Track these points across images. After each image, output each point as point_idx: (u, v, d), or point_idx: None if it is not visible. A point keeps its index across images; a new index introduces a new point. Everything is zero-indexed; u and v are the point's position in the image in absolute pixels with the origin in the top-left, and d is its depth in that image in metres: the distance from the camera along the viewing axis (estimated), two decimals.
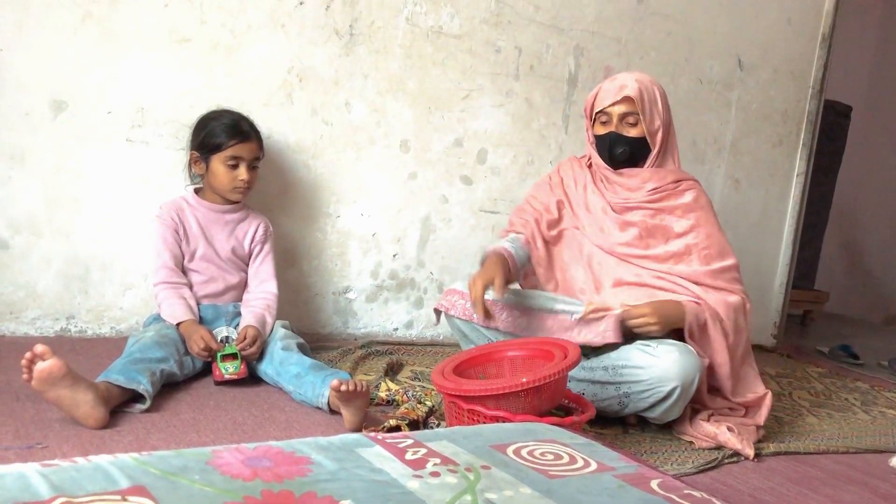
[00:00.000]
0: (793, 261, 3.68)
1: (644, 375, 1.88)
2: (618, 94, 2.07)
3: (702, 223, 2.13)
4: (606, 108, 2.09)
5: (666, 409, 1.90)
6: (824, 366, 3.35)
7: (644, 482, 1.13)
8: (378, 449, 1.11)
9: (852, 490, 1.79)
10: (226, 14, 2.28)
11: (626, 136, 2.09)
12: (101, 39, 2.15)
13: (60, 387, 1.51)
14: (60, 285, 2.19)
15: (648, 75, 2.17)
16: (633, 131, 2.09)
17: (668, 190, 2.13)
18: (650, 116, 2.08)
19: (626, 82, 2.07)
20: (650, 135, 2.10)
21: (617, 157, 2.12)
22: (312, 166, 2.49)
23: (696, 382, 1.89)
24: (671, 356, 1.87)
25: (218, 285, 2.13)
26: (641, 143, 2.11)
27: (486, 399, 1.59)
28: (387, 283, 2.68)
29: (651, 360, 1.88)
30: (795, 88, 3.54)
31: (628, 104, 2.06)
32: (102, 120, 2.18)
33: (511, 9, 2.74)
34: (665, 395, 1.86)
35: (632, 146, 2.10)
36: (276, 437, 1.59)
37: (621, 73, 2.15)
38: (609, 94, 2.09)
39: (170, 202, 2.13)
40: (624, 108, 2.07)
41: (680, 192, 2.14)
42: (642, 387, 1.88)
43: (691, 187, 2.16)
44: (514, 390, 1.59)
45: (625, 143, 2.10)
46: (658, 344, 1.91)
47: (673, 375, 1.85)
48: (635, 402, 1.91)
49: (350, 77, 2.50)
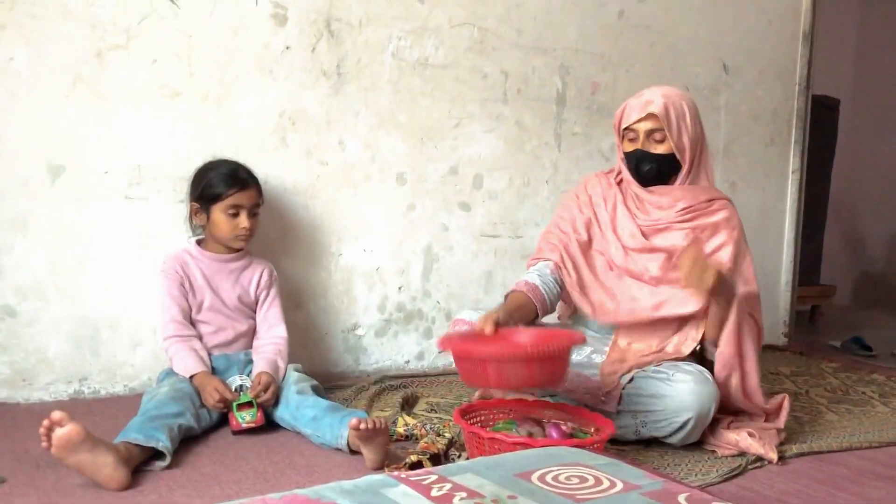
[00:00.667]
0: (796, 258, 3.69)
1: (659, 405, 1.88)
2: (643, 110, 2.03)
3: (728, 243, 2.07)
4: (632, 124, 2.06)
5: (683, 437, 1.90)
6: (838, 360, 3.34)
7: (671, 498, 1.12)
8: (403, 488, 1.10)
9: (879, 486, 1.78)
10: (213, 65, 2.31)
11: (652, 153, 2.05)
12: (94, 101, 2.17)
13: (81, 452, 1.51)
14: (71, 348, 2.19)
15: (678, 89, 2.14)
16: (661, 148, 2.05)
17: (700, 210, 2.09)
18: (677, 132, 2.03)
19: (651, 98, 2.04)
20: (679, 151, 2.05)
21: (644, 175, 2.08)
22: (311, 207, 2.51)
23: (713, 411, 1.88)
24: (686, 386, 1.86)
25: (227, 334, 2.13)
26: (670, 159, 2.06)
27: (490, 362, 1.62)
28: (394, 317, 2.68)
29: (667, 389, 1.88)
30: (782, 87, 3.56)
31: (654, 121, 2.02)
32: (100, 180, 2.19)
33: (494, 35, 2.77)
34: (681, 425, 1.87)
35: (659, 163, 2.06)
36: (298, 483, 1.58)
37: (648, 89, 2.10)
38: (634, 111, 2.06)
39: (173, 255, 2.14)
40: (650, 125, 2.03)
41: (712, 211, 2.09)
42: (658, 416, 1.89)
43: (724, 207, 2.11)
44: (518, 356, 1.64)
45: (652, 161, 2.06)
46: (674, 371, 1.91)
47: (689, 406, 1.85)
48: (651, 430, 1.91)
49: (341, 116, 2.52)
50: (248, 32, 2.35)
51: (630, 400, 1.93)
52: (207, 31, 2.29)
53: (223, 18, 2.31)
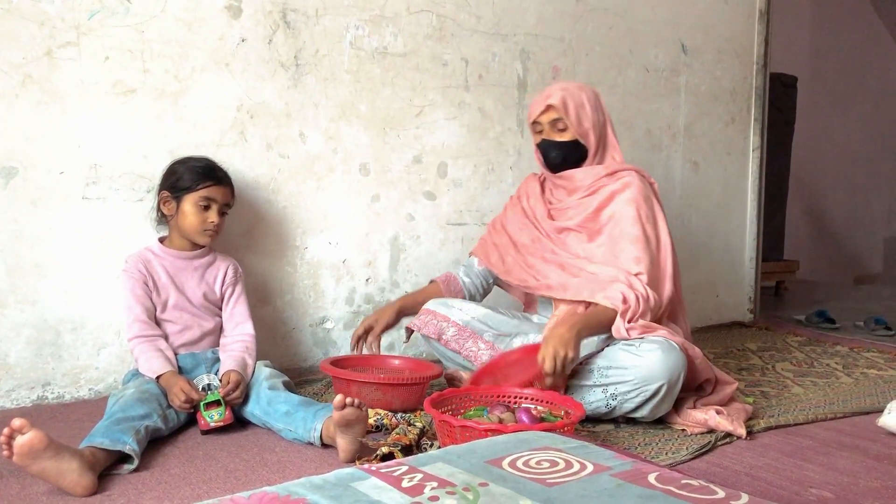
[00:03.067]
0: (759, 234, 3.74)
1: (629, 376, 1.89)
2: (543, 103, 2.20)
3: (623, 209, 2.13)
4: (537, 118, 2.23)
5: (654, 407, 1.91)
6: (803, 334, 3.40)
7: (641, 477, 1.13)
8: (373, 480, 1.10)
9: (845, 455, 1.82)
10: (167, 60, 2.27)
11: (557, 140, 2.22)
12: (45, 100, 2.12)
13: (43, 459, 1.48)
14: (32, 353, 2.15)
15: (579, 83, 2.30)
16: (564, 136, 2.21)
17: (601, 184, 2.21)
18: (576, 118, 2.19)
19: (550, 92, 2.21)
20: (581, 136, 2.21)
21: (551, 162, 2.25)
22: (274, 201, 2.48)
23: (682, 378, 1.91)
24: (654, 355, 1.88)
25: (194, 333, 2.10)
26: (574, 145, 2.22)
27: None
28: (363, 309, 2.67)
29: (635, 359, 1.89)
30: (740, 66, 3.60)
31: (553, 111, 2.19)
32: (56, 181, 2.15)
33: (453, 21, 2.76)
34: (652, 393, 1.88)
35: (563, 150, 2.22)
36: (269, 481, 1.57)
37: (550, 85, 2.29)
38: (537, 105, 2.23)
39: (135, 254, 2.11)
40: (551, 115, 2.19)
41: (613, 180, 2.20)
42: (628, 387, 1.90)
43: (625, 175, 2.19)
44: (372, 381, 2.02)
45: (556, 147, 2.22)
46: (640, 342, 1.92)
47: (658, 374, 1.87)
48: (622, 402, 1.92)
49: (301, 108, 2.49)
50: (202, 26, 2.31)
51: (600, 374, 1.94)
52: (160, 25, 2.25)
53: (176, 12, 2.27)
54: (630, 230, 2.10)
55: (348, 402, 1.65)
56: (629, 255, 2.07)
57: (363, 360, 2.28)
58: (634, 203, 2.13)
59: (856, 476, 1.68)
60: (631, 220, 2.11)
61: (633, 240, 2.09)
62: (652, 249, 2.10)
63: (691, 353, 1.98)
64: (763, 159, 3.72)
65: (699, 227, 3.52)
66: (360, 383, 2.02)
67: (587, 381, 1.96)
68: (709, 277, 3.58)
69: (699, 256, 3.50)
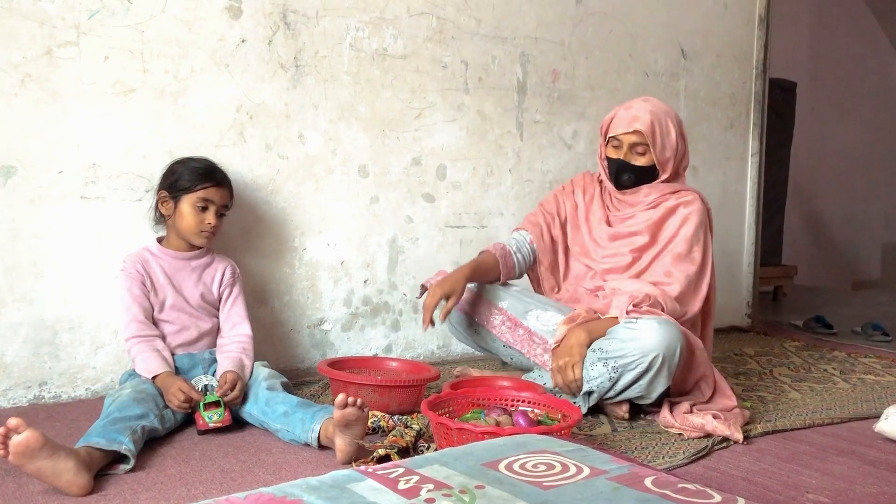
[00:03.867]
0: (758, 239, 3.74)
1: (629, 348, 1.92)
2: (630, 125, 2.16)
3: (682, 226, 2.18)
4: (619, 135, 2.19)
5: (650, 381, 1.94)
6: (800, 339, 3.40)
7: (638, 481, 1.13)
8: (370, 482, 1.10)
9: (841, 461, 1.82)
10: (167, 60, 2.27)
11: (633, 164, 2.21)
12: (45, 100, 2.12)
13: (39, 458, 1.47)
14: (29, 352, 2.14)
15: (665, 105, 2.24)
16: (642, 160, 2.20)
17: (664, 198, 2.22)
18: (661, 148, 2.18)
19: (639, 114, 2.16)
20: (660, 164, 2.21)
21: (622, 184, 2.24)
22: (273, 202, 2.48)
23: (679, 352, 1.93)
24: (650, 325, 1.92)
25: (191, 333, 2.10)
26: (649, 170, 2.22)
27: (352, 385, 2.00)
28: (361, 310, 2.67)
29: (633, 333, 1.93)
30: (739, 71, 3.60)
31: (639, 136, 2.16)
32: (54, 180, 2.14)
33: (453, 24, 2.76)
34: (648, 364, 1.91)
35: (638, 174, 2.22)
36: (265, 482, 1.57)
37: (637, 102, 2.22)
38: (622, 123, 2.19)
39: (133, 254, 2.11)
40: (634, 139, 2.17)
41: (675, 196, 2.22)
42: (627, 359, 1.93)
43: (688, 194, 2.23)
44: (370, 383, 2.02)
45: (631, 171, 2.22)
46: (639, 319, 1.97)
47: (655, 345, 1.90)
48: (622, 374, 1.94)
49: (300, 109, 2.50)
50: (202, 26, 2.31)
51: (602, 351, 1.97)
52: (160, 25, 2.25)
53: (176, 12, 2.27)
54: (678, 247, 2.16)
55: (350, 401, 1.65)
56: (662, 269, 2.14)
57: (361, 362, 2.30)
58: (693, 223, 2.18)
59: (852, 481, 1.68)
60: (684, 239, 2.17)
61: (676, 257, 2.15)
62: (692, 270, 2.15)
63: (691, 340, 2.02)
64: (762, 164, 3.72)
65: None
66: (357, 385, 2.02)
67: (590, 358, 1.99)
68: None
69: None
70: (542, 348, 2.18)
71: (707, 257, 2.21)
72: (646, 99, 2.25)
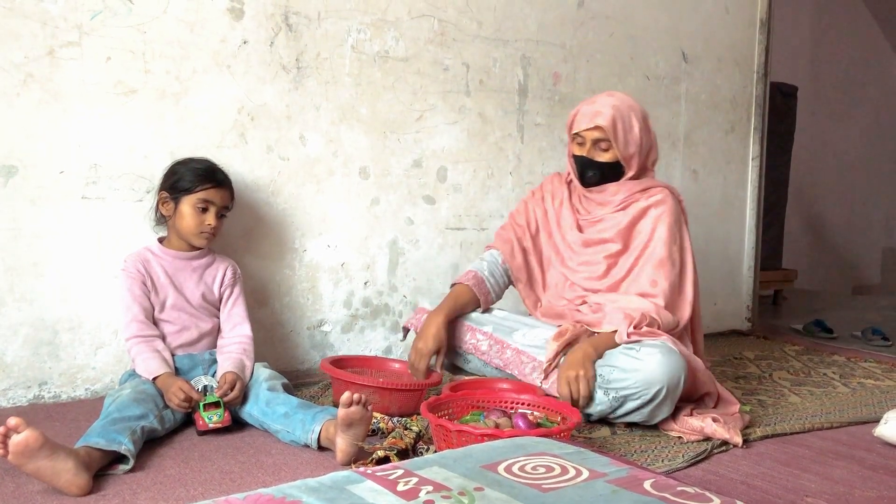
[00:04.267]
0: (758, 243, 3.75)
1: (630, 379, 1.90)
2: (591, 120, 2.11)
3: (654, 227, 2.14)
4: (581, 131, 2.14)
5: (653, 410, 1.92)
6: (800, 343, 3.40)
7: (637, 484, 1.13)
8: (369, 484, 1.10)
9: (841, 465, 1.82)
10: (169, 61, 2.27)
11: (597, 160, 2.16)
12: (46, 99, 2.12)
13: (39, 458, 1.47)
14: (29, 352, 2.14)
15: (631, 99, 2.18)
16: (605, 156, 2.15)
17: (634, 198, 2.18)
18: (623, 143, 2.13)
19: (601, 108, 2.11)
20: (624, 160, 2.16)
21: (587, 180, 2.19)
22: (274, 203, 2.48)
23: (682, 381, 1.91)
24: (654, 358, 1.89)
25: (192, 334, 2.10)
26: (614, 166, 2.17)
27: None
28: (361, 312, 2.67)
29: (636, 363, 1.90)
30: (740, 75, 3.61)
31: (601, 131, 2.11)
32: (55, 180, 2.15)
33: (454, 27, 2.76)
34: (651, 396, 1.89)
35: (602, 170, 2.17)
36: (264, 483, 1.57)
37: (601, 96, 2.18)
38: (584, 119, 2.14)
39: (134, 254, 2.11)
40: (597, 135, 2.12)
41: (646, 196, 2.18)
42: (630, 390, 1.91)
43: (659, 192, 2.18)
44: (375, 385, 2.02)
45: (595, 168, 2.17)
46: (640, 346, 1.93)
47: (658, 378, 1.87)
48: (624, 403, 1.93)
49: (302, 110, 2.50)
50: (204, 27, 2.32)
51: (602, 378, 1.95)
52: (162, 26, 2.25)
53: (178, 13, 2.27)
54: (657, 252, 2.12)
55: (355, 398, 1.66)
56: (647, 278, 2.11)
57: (363, 362, 2.33)
58: (666, 224, 2.13)
59: (851, 486, 1.68)
60: (661, 241, 2.12)
61: (658, 263, 2.11)
62: (675, 273, 2.12)
63: (693, 363, 1.98)
64: (762, 168, 3.73)
65: (698, 235, 3.50)
66: (358, 385, 2.02)
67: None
68: (707, 285, 3.56)
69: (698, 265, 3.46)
70: (530, 367, 2.11)
71: (686, 256, 2.18)
72: (610, 93, 2.20)
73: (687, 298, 2.15)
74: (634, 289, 2.11)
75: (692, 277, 2.18)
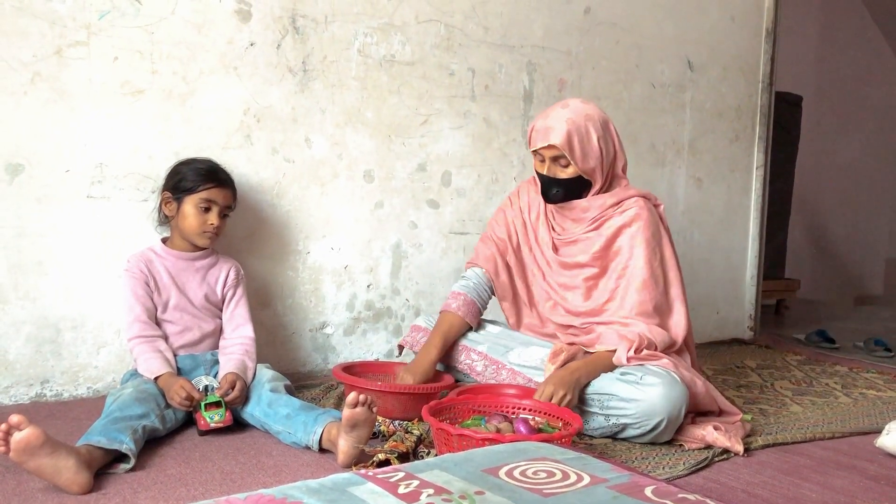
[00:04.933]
0: (761, 252, 3.74)
1: (631, 410, 1.89)
2: (545, 139, 2.03)
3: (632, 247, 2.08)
4: (538, 149, 2.07)
5: (654, 437, 1.92)
6: (802, 353, 3.39)
7: (638, 491, 1.13)
8: (370, 486, 1.10)
9: (842, 475, 1.81)
10: (176, 62, 2.28)
11: (559, 178, 2.08)
12: (53, 98, 2.13)
13: (40, 455, 1.48)
14: (32, 350, 2.15)
15: (588, 107, 2.08)
16: (567, 172, 2.07)
17: (607, 215, 2.12)
18: (582, 157, 2.04)
19: (553, 124, 2.02)
20: (586, 173, 2.08)
21: (552, 198, 2.12)
22: (278, 205, 2.49)
23: (683, 411, 1.90)
24: (656, 390, 1.87)
25: (194, 334, 2.11)
26: (577, 181, 2.09)
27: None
28: (363, 315, 2.67)
29: (637, 393, 1.89)
30: (746, 84, 3.61)
31: (555, 149, 2.03)
32: (61, 179, 2.15)
33: (461, 32, 2.77)
34: (652, 427, 1.89)
35: (566, 187, 2.09)
36: (265, 484, 1.57)
37: (555, 108, 2.08)
38: (538, 136, 2.06)
39: (137, 254, 2.11)
40: (553, 152, 2.04)
41: (619, 212, 2.11)
42: (630, 419, 1.90)
43: (632, 205, 2.11)
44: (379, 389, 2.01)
45: (558, 185, 2.09)
46: (643, 374, 1.92)
47: (660, 410, 1.87)
48: (624, 430, 1.93)
49: (307, 113, 2.50)
50: (211, 29, 2.32)
51: (601, 405, 1.94)
52: (170, 27, 2.26)
53: (186, 14, 2.28)
54: (638, 274, 2.05)
55: (361, 399, 1.66)
56: (631, 301, 2.05)
57: (376, 367, 2.34)
58: (643, 240, 2.06)
59: (853, 496, 1.68)
60: (640, 261, 2.05)
61: (641, 285, 2.05)
62: (659, 292, 2.07)
63: (693, 389, 1.97)
64: (766, 177, 3.72)
65: (701, 243, 3.52)
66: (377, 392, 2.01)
67: (591, 408, 1.97)
68: (710, 294, 3.57)
69: (700, 273, 3.50)
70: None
71: (669, 270, 2.11)
72: (564, 104, 2.08)
73: (678, 314, 2.10)
74: (621, 313, 2.06)
75: (680, 290, 2.12)
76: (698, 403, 2.02)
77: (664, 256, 2.12)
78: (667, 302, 2.10)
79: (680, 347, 2.10)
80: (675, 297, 2.12)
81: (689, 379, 1.98)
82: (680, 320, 2.10)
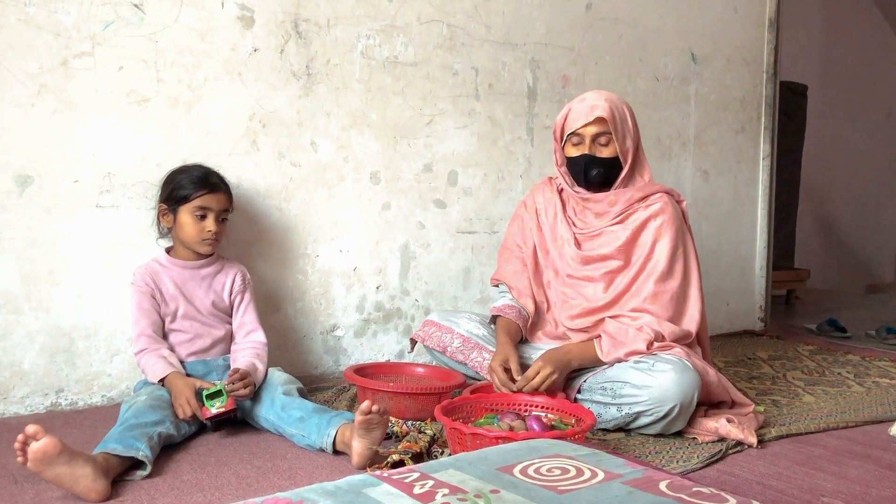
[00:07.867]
0: (770, 243, 3.73)
1: (643, 396, 1.90)
2: (590, 114, 2.04)
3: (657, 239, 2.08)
4: (578, 129, 2.07)
5: (667, 424, 1.92)
6: (814, 343, 3.39)
7: (653, 485, 1.13)
8: (385, 487, 1.10)
9: (857, 464, 1.81)
10: (181, 69, 2.29)
11: (599, 157, 2.08)
12: (60, 109, 2.14)
13: (57, 464, 1.49)
14: (46, 360, 2.16)
15: (614, 94, 2.14)
16: (606, 151, 2.08)
17: (633, 209, 2.12)
18: (622, 136, 2.08)
19: (596, 102, 2.06)
20: (622, 154, 2.09)
21: (592, 180, 2.11)
22: (285, 209, 2.50)
23: (696, 397, 1.90)
24: (668, 376, 1.88)
25: (205, 341, 2.12)
26: (615, 163, 2.10)
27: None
28: (373, 316, 2.68)
29: (649, 380, 1.89)
30: (750, 74, 3.60)
31: (600, 124, 2.05)
32: (70, 189, 2.17)
33: (463, 31, 2.77)
34: (665, 413, 1.89)
35: (606, 167, 2.09)
36: (281, 487, 1.57)
37: (589, 93, 2.12)
38: (581, 115, 2.07)
39: (143, 267, 2.12)
40: (596, 129, 2.06)
41: (645, 206, 2.11)
42: (642, 406, 1.91)
43: (657, 200, 2.11)
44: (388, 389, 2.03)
45: (599, 165, 2.09)
46: (654, 361, 1.92)
47: (672, 396, 1.87)
48: (637, 419, 1.93)
49: (313, 117, 2.51)
50: (215, 36, 2.33)
51: (614, 393, 1.95)
52: (174, 35, 2.27)
53: (189, 22, 2.29)
54: (660, 266, 2.06)
55: (375, 408, 1.67)
56: (647, 292, 2.05)
57: (388, 369, 2.37)
58: (669, 235, 2.07)
59: (868, 485, 1.67)
60: (663, 255, 2.06)
61: (660, 277, 2.05)
62: (677, 285, 2.07)
63: (706, 378, 1.97)
64: (773, 168, 3.72)
65: (709, 235, 3.52)
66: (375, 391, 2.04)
67: (603, 399, 1.97)
68: (719, 286, 3.57)
69: (709, 265, 3.49)
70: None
71: (691, 265, 2.11)
72: (597, 91, 2.14)
73: (694, 308, 2.10)
74: (634, 303, 2.06)
75: (698, 285, 2.12)
76: (710, 392, 2.02)
77: (687, 252, 2.12)
78: (684, 295, 2.10)
79: (692, 342, 2.09)
80: (693, 291, 2.11)
81: (702, 367, 1.98)
82: (694, 314, 2.09)
